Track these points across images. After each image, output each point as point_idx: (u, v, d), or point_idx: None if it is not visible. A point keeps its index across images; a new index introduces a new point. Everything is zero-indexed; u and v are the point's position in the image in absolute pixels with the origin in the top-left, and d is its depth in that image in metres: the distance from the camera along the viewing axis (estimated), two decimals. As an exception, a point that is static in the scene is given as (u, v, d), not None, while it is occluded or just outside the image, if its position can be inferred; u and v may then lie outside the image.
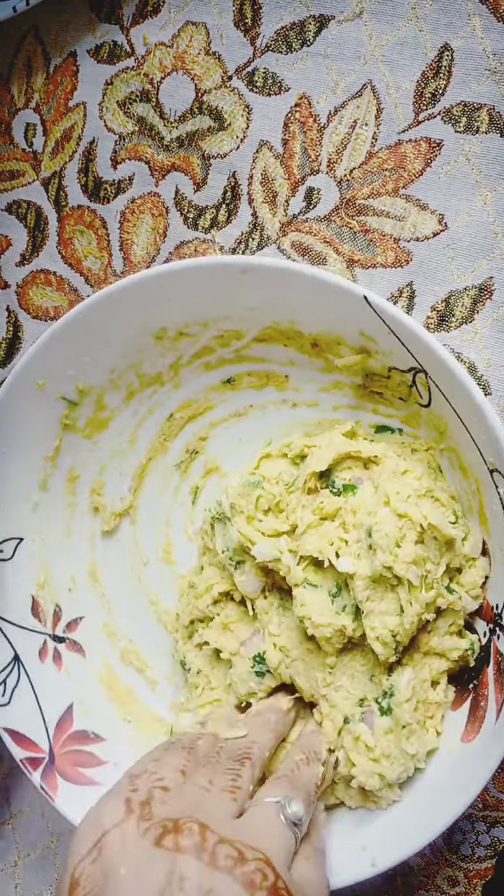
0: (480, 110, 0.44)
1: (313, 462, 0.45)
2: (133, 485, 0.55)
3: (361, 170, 0.47)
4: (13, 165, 0.54)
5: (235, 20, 0.48)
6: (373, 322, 0.43)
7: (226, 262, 0.45)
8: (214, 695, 0.49)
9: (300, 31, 0.47)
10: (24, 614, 0.53)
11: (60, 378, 0.50)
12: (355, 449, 0.45)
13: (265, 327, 0.49)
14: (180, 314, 0.49)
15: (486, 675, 0.42)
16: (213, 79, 0.49)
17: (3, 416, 0.49)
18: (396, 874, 0.51)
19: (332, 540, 0.44)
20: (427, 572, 0.42)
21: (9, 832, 0.60)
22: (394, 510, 0.42)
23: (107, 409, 0.53)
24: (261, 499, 0.47)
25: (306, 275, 0.43)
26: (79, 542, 0.55)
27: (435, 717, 0.43)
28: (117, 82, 0.51)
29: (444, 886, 0.49)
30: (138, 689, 0.54)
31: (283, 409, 0.51)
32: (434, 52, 0.45)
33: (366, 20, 0.46)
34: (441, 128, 0.45)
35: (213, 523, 0.49)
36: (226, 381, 0.52)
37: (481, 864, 0.48)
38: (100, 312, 0.48)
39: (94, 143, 0.52)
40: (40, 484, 0.53)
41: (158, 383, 0.53)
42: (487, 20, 0.44)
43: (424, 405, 0.45)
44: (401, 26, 0.45)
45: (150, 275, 0.46)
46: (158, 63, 0.50)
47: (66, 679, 0.53)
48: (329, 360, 0.49)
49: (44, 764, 0.50)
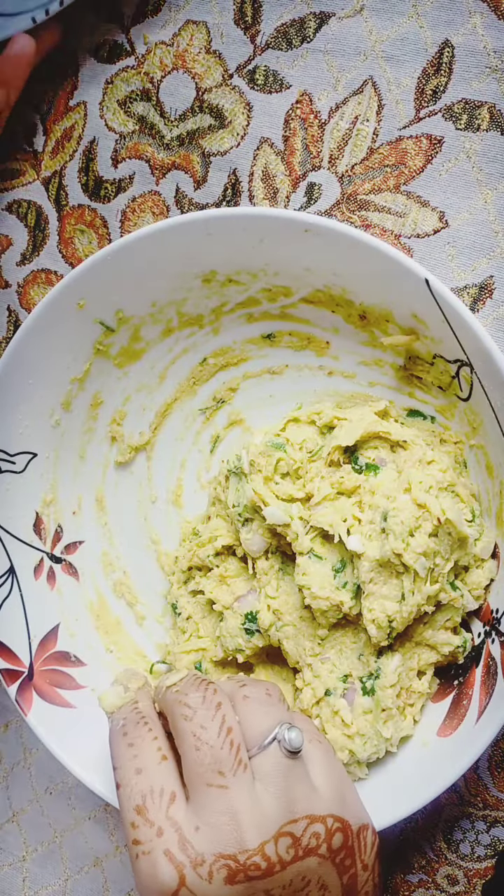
0: (481, 108, 0.44)
1: (341, 435, 0.45)
2: (155, 422, 0.55)
3: (363, 165, 0.46)
4: (13, 165, 0.54)
5: (236, 18, 0.48)
6: (428, 306, 0.42)
7: (289, 217, 0.44)
8: (201, 643, 0.49)
9: (300, 27, 0.47)
10: (25, 529, 0.53)
11: (102, 302, 0.50)
12: (385, 430, 0.45)
13: (316, 289, 0.48)
14: (233, 261, 0.48)
15: (473, 674, 0.43)
16: (213, 77, 0.49)
17: (40, 330, 0.49)
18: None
19: (346, 516, 0.44)
20: (435, 566, 0.41)
21: (14, 827, 0.61)
22: (414, 499, 0.42)
23: (142, 342, 0.52)
24: (281, 462, 0.46)
25: (371, 246, 0.42)
26: (91, 467, 0.55)
27: (415, 705, 0.44)
28: (118, 81, 0.51)
29: (443, 885, 0.50)
30: (126, 622, 0.55)
31: (319, 375, 0.51)
32: (435, 49, 0.45)
33: (366, 16, 0.45)
34: (442, 125, 0.45)
35: (228, 476, 0.49)
36: (266, 336, 0.51)
37: (481, 864, 0.49)
38: (152, 245, 0.47)
39: (94, 142, 0.52)
40: (64, 403, 0.53)
41: (198, 325, 0.52)
42: (488, 18, 0.43)
43: (463, 398, 0.45)
44: (401, 23, 0.45)
45: (206, 217, 0.45)
46: (159, 62, 0.50)
47: (56, 599, 0.54)
48: (374, 335, 0.48)
49: (21, 678, 0.51)
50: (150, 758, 0.38)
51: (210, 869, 0.35)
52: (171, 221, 0.46)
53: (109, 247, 0.47)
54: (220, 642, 0.48)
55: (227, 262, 0.48)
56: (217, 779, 0.36)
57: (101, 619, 0.55)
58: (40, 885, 0.60)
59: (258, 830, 0.35)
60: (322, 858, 0.36)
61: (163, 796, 0.37)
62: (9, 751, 0.61)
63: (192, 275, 0.49)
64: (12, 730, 0.60)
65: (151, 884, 0.35)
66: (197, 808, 0.36)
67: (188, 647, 0.49)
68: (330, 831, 0.37)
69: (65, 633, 0.53)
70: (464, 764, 0.39)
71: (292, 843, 0.35)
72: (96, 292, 0.49)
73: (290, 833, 0.35)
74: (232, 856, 0.35)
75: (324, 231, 0.43)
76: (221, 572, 0.49)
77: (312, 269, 0.46)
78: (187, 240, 0.46)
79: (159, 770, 0.38)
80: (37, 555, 0.53)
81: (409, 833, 0.50)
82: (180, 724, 0.38)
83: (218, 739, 0.37)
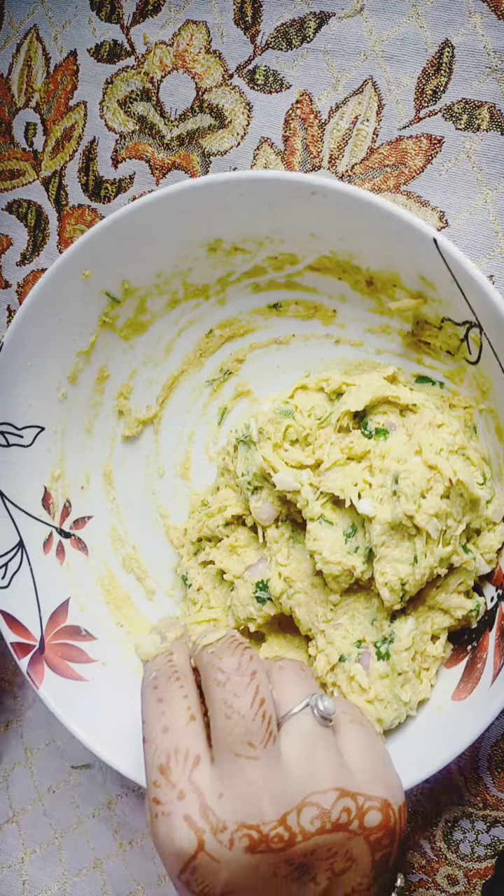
0: (481, 108, 0.44)
1: (350, 400, 0.45)
2: (162, 395, 0.54)
3: (363, 165, 0.46)
4: (13, 165, 0.54)
5: (236, 18, 0.48)
6: (436, 267, 0.42)
7: (297, 179, 0.43)
8: (212, 613, 0.49)
9: (300, 27, 0.47)
10: (34, 503, 0.53)
11: (107, 273, 0.49)
12: (394, 394, 0.45)
13: (322, 256, 0.47)
14: (239, 228, 0.47)
15: (487, 638, 0.42)
16: (213, 77, 0.49)
17: (45, 301, 0.49)
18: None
19: (357, 481, 0.43)
20: (447, 527, 0.41)
21: (14, 828, 0.61)
22: (424, 461, 0.41)
23: (148, 314, 0.52)
24: (290, 429, 0.46)
25: (378, 206, 0.42)
26: (99, 442, 0.55)
27: (431, 669, 0.43)
28: (118, 81, 0.51)
29: (443, 885, 0.50)
30: (135, 597, 0.55)
31: (326, 343, 0.50)
32: (435, 49, 0.44)
33: (366, 16, 0.45)
34: (442, 125, 0.45)
35: (237, 445, 0.49)
36: (272, 306, 0.51)
37: (481, 864, 0.49)
38: (157, 211, 0.46)
39: (94, 142, 0.52)
40: (70, 377, 0.52)
41: (204, 296, 0.52)
42: (488, 18, 0.43)
43: (472, 362, 0.44)
44: (401, 23, 0.45)
45: (214, 181, 0.45)
46: (159, 62, 0.50)
47: (66, 574, 0.53)
48: (382, 302, 0.48)
49: (33, 651, 0.51)
50: (179, 716, 0.38)
51: (231, 836, 0.34)
52: (177, 187, 0.45)
53: (114, 214, 0.47)
54: (231, 612, 0.48)
55: (233, 230, 0.47)
56: (246, 750, 0.36)
57: (111, 593, 0.55)
58: (39, 889, 0.60)
59: (282, 800, 0.35)
60: (353, 834, 0.36)
61: (187, 759, 0.36)
62: (9, 751, 0.61)
63: (198, 243, 0.49)
64: (13, 730, 0.60)
65: (169, 847, 0.35)
66: (222, 774, 0.36)
67: (199, 617, 0.49)
68: (361, 809, 0.36)
69: (75, 607, 0.53)
70: (481, 725, 0.39)
71: (319, 815, 0.35)
72: (102, 262, 0.49)
73: (316, 804, 0.35)
74: (255, 826, 0.34)
75: (331, 193, 0.43)
76: (231, 542, 0.48)
77: (319, 234, 0.46)
78: (193, 206, 0.46)
79: (186, 731, 0.37)
80: (46, 529, 0.53)
81: (410, 833, 0.50)
82: (213, 689, 0.37)
83: (250, 710, 0.36)
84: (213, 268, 0.50)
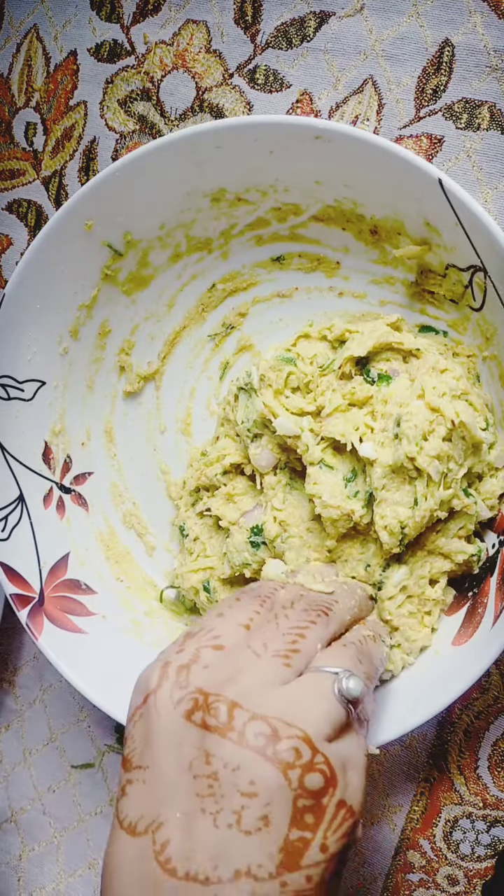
0: (481, 107, 0.44)
1: (353, 346, 0.44)
2: (163, 350, 0.54)
3: None
4: (13, 165, 0.54)
5: (236, 17, 0.48)
6: (441, 210, 0.42)
7: (300, 122, 0.43)
8: (209, 562, 0.49)
9: (300, 27, 0.47)
10: (35, 458, 0.53)
11: (110, 223, 0.49)
12: (398, 340, 0.44)
13: (326, 205, 0.47)
14: (242, 177, 0.47)
15: (488, 584, 0.42)
16: (213, 77, 0.49)
17: (47, 252, 0.48)
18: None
19: (358, 426, 0.43)
20: (448, 470, 0.41)
21: (12, 828, 0.61)
22: (427, 404, 0.41)
23: (150, 267, 0.52)
24: (291, 376, 0.46)
25: (382, 148, 0.42)
26: (100, 397, 0.55)
27: (432, 613, 0.43)
28: (118, 81, 0.51)
29: (443, 885, 0.49)
30: (135, 552, 0.55)
31: (329, 296, 0.50)
32: (435, 48, 0.44)
33: (366, 16, 0.45)
34: (442, 124, 0.45)
35: (237, 394, 0.48)
36: (275, 259, 0.51)
37: (481, 864, 0.48)
38: (161, 159, 0.46)
39: (94, 141, 0.52)
40: (72, 331, 0.52)
41: (207, 250, 0.51)
42: (488, 17, 0.43)
43: (476, 308, 0.44)
44: (402, 22, 0.45)
45: (216, 126, 0.45)
46: (159, 61, 0.50)
47: (66, 529, 0.53)
48: (385, 252, 0.47)
49: (32, 603, 0.50)
50: (237, 616, 0.37)
51: (183, 695, 0.33)
52: (180, 133, 0.45)
53: (117, 162, 0.46)
54: (226, 559, 0.48)
55: (237, 179, 0.47)
56: (260, 647, 0.35)
57: (111, 549, 0.54)
58: (35, 887, 0.60)
59: (246, 696, 0.33)
60: (277, 766, 0.32)
61: (212, 638, 0.36)
62: (9, 751, 0.61)
63: (201, 194, 0.48)
64: (13, 730, 0.60)
65: (140, 677, 0.36)
66: (227, 656, 0.35)
67: (195, 566, 0.49)
68: (309, 763, 0.32)
69: (75, 561, 0.53)
70: (481, 666, 0.39)
71: (269, 735, 0.32)
72: (104, 212, 0.48)
73: (273, 728, 0.33)
74: (208, 694, 0.33)
75: (335, 136, 0.43)
76: (229, 490, 0.48)
77: (323, 181, 0.46)
78: (197, 153, 0.46)
79: (230, 624, 0.37)
80: (46, 484, 0.53)
81: (410, 833, 0.50)
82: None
83: (293, 628, 0.37)
84: (217, 219, 0.50)
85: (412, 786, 0.49)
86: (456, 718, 0.47)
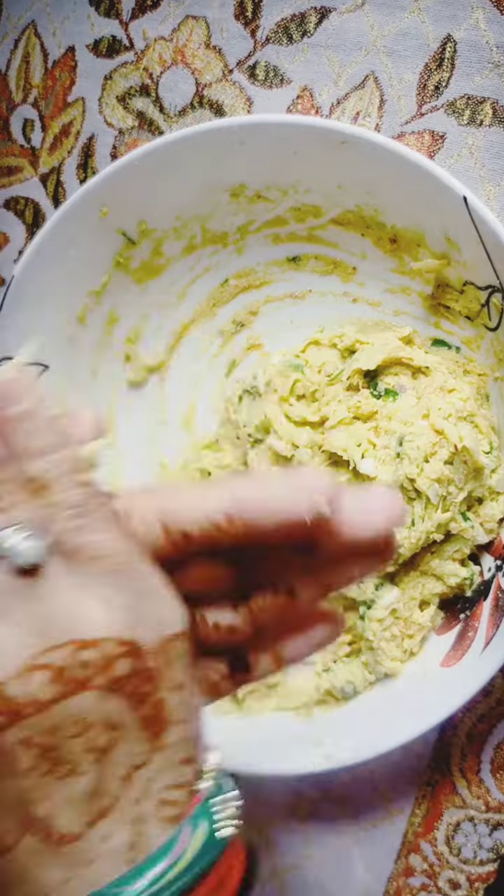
0: (484, 103, 0.44)
1: (363, 358, 0.44)
2: (171, 342, 0.54)
3: None
4: (11, 161, 0.53)
5: (236, 13, 0.47)
6: (464, 226, 0.41)
7: (328, 126, 0.42)
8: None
9: (301, 22, 0.46)
10: (33, 442, 0.52)
11: (126, 211, 0.48)
12: (408, 355, 0.44)
13: (347, 210, 0.46)
14: (263, 174, 0.46)
15: (480, 607, 0.42)
16: (213, 72, 0.48)
17: (61, 235, 0.48)
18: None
19: (361, 441, 0.43)
20: (448, 493, 0.41)
21: None
22: (432, 425, 0.41)
23: (163, 257, 0.51)
24: (298, 383, 0.45)
25: (409, 160, 0.41)
26: (103, 385, 0.54)
27: (414, 637, 0.43)
28: (116, 77, 0.50)
29: (445, 889, 0.49)
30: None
31: (343, 301, 0.49)
32: (437, 44, 0.44)
33: (367, 11, 0.45)
34: (444, 120, 0.45)
35: (241, 396, 0.48)
36: (291, 259, 0.50)
37: (483, 868, 0.48)
38: (182, 150, 0.45)
39: (93, 138, 0.51)
40: (79, 316, 0.52)
41: (222, 243, 0.51)
42: (490, 13, 0.43)
43: (492, 328, 0.44)
44: (403, 17, 0.44)
45: (241, 122, 0.44)
46: (158, 57, 0.49)
47: (60, 515, 0.53)
48: (404, 262, 0.47)
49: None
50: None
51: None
52: (203, 126, 0.44)
53: (137, 150, 0.46)
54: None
55: (258, 176, 0.46)
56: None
57: (105, 538, 0.54)
58: None
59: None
60: (101, 691, 0.26)
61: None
62: None
63: (221, 187, 0.47)
64: None
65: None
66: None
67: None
68: (109, 657, 0.26)
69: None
70: (468, 691, 0.39)
71: (52, 678, 0.26)
72: (121, 199, 0.47)
73: (47, 665, 0.26)
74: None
75: (361, 143, 0.42)
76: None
77: (346, 185, 0.45)
78: (219, 147, 0.45)
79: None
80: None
81: (412, 836, 0.50)
82: None
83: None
84: (234, 214, 0.49)
85: (414, 789, 0.50)
86: (458, 721, 0.47)
